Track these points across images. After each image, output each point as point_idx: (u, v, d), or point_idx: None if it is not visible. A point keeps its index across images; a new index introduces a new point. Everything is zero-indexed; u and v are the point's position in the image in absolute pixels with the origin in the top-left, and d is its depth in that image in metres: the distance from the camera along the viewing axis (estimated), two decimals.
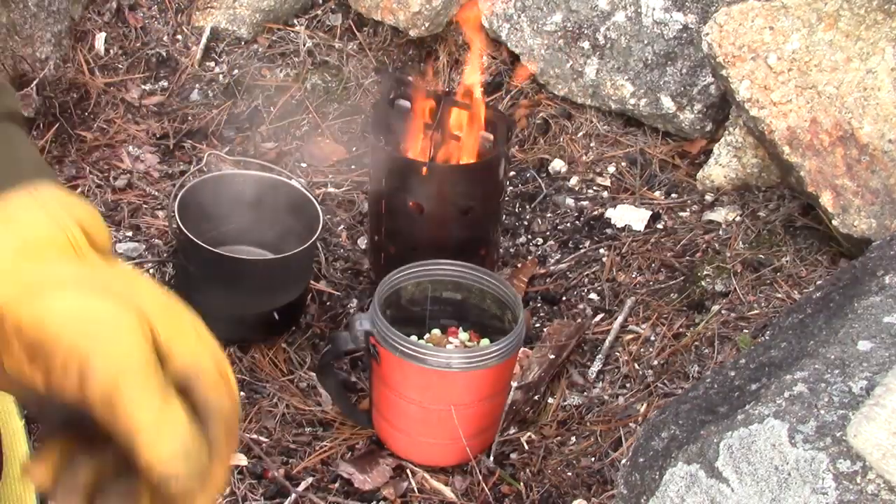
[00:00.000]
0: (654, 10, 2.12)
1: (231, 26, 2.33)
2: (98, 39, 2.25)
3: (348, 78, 2.31)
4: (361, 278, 1.92)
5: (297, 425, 1.64)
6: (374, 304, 1.48)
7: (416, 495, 1.54)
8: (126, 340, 0.57)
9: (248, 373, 1.71)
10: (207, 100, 2.23)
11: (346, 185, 2.11)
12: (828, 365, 1.04)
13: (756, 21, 1.82)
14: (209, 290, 1.63)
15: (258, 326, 1.73)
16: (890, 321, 1.08)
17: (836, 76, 1.74)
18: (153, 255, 1.87)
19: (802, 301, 1.33)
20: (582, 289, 1.90)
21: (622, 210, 2.04)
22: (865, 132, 1.71)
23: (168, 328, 0.58)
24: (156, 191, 2.04)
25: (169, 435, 0.56)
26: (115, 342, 0.57)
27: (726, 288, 1.80)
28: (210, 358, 0.59)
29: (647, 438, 1.14)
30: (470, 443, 1.53)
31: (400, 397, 1.49)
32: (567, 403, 1.68)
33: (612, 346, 1.77)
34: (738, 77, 1.82)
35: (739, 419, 1.01)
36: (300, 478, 1.54)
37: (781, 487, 0.95)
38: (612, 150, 2.19)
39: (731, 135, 2.00)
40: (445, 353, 1.46)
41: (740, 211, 1.97)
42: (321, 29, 2.41)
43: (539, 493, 1.52)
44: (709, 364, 1.68)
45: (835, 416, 0.97)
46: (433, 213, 1.72)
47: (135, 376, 0.56)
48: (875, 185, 1.71)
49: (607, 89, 2.19)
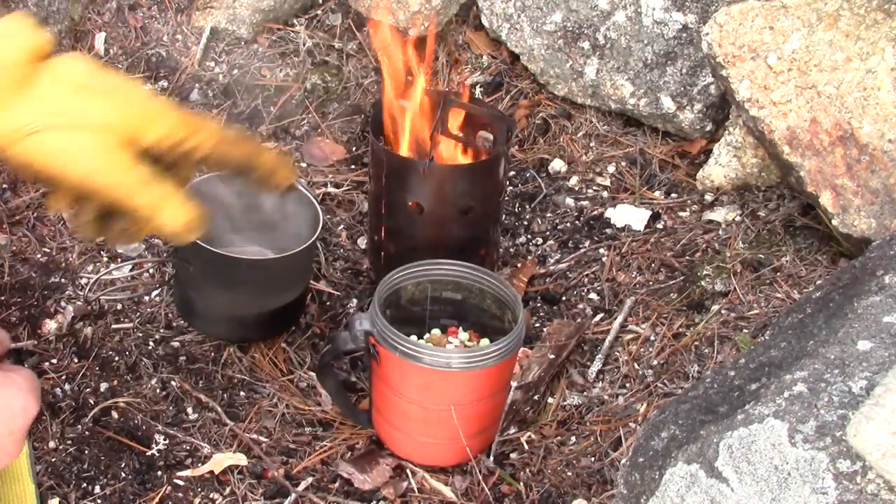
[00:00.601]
0: (654, 10, 2.12)
1: (231, 26, 2.33)
2: (98, 39, 2.25)
3: (348, 78, 2.31)
4: (361, 278, 1.92)
5: (296, 425, 1.64)
6: (374, 303, 1.48)
7: (416, 495, 1.54)
8: (111, 157, 0.78)
9: (248, 373, 1.71)
10: (207, 100, 2.23)
11: (346, 185, 2.11)
12: (828, 365, 1.04)
13: (756, 21, 1.82)
14: (209, 290, 1.63)
15: (258, 326, 1.73)
16: (890, 321, 1.08)
17: (836, 76, 1.74)
18: (153, 255, 1.87)
19: (802, 301, 1.33)
20: (582, 289, 1.90)
21: (622, 210, 2.04)
22: (865, 132, 1.71)
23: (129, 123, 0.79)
24: None
25: (167, 210, 0.81)
26: (99, 161, 0.78)
27: (726, 288, 1.80)
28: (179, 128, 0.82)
29: (646, 438, 1.14)
30: (470, 443, 1.53)
31: (400, 397, 1.49)
32: (567, 403, 1.68)
33: (612, 346, 1.77)
34: (738, 77, 1.82)
35: (739, 419, 1.01)
36: (300, 478, 1.54)
37: (781, 487, 0.95)
38: (611, 150, 2.19)
39: (731, 135, 2.00)
40: (445, 352, 1.46)
41: (740, 211, 1.97)
42: (321, 29, 2.41)
43: (539, 493, 1.52)
44: (709, 364, 1.68)
45: (835, 416, 0.97)
46: (433, 213, 1.72)
47: (125, 178, 0.79)
48: (875, 184, 1.71)
49: (607, 89, 2.19)
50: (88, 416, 1.58)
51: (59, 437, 1.55)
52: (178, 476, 1.53)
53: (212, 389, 1.67)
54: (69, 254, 1.87)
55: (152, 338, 1.75)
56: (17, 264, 1.83)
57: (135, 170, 0.80)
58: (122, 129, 0.79)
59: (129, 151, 0.80)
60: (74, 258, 1.86)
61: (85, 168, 0.78)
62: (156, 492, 1.50)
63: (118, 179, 0.79)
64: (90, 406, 1.60)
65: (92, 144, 0.78)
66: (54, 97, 0.78)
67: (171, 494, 1.50)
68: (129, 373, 1.68)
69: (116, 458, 1.54)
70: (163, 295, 1.81)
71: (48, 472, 1.50)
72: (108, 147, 0.78)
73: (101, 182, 0.79)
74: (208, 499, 1.51)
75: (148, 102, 0.81)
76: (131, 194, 0.80)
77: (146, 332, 1.75)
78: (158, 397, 1.65)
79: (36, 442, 1.54)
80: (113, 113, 0.79)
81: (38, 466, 1.50)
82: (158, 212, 0.82)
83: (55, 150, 0.77)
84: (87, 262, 1.86)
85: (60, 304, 1.77)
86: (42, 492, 1.46)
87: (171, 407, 1.63)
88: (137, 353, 1.71)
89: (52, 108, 0.77)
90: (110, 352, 1.71)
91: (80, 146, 0.78)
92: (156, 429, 1.59)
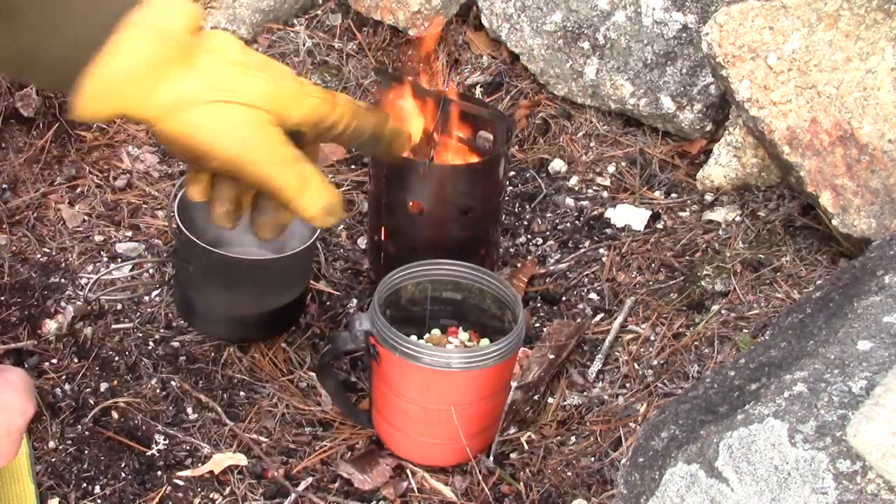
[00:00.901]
0: (654, 10, 2.12)
1: (231, 26, 2.33)
2: None
3: (348, 78, 2.31)
4: (361, 278, 1.92)
5: (296, 425, 1.64)
6: (374, 303, 1.48)
7: (416, 495, 1.54)
8: (262, 133, 0.77)
9: (248, 373, 1.71)
10: None
11: (346, 185, 2.11)
12: (827, 365, 1.04)
13: (756, 21, 1.82)
14: (209, 290, 1.63)
15: (258, 326, 1.73)
16: (890, 321, 1.08)
17: (835, 76, 1.74)
18: (153, 255, 1.87)
19: (802, 301, 1.33)
20: (582, 289, 1.90)
21: (622, 210, 2.04)
22: (865, 132, 1.71)
23: (279, 101, 0.78)
24: (155, 191, 2.04)
25: (309, 192, 0.79)
26: (252, 138, 0.76)
27: (726, 288, 1.80)
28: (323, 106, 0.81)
29: (646, 438, 1.13)
30: (470, 443, 1.53)
31: (400, 397, 1.49)
32: (567, 403, 1.68)
33: (612, 346, 1.77)
34: (737, 77, 1.82)
35: (739, 419, 1.01)
36: (300, 478, 1.54)
37: (781, 487, 0.95)
38: (611, 150, 2.19)
39: (731, 135, 2.00)
40: (445, 353, 1.46)
41: (740, 211, 1.97)
42: (321, 29, 2.41)
43: (539, 493, 1.52)
44: (709, 364, 1.68)
45: (835, 416, 0.97)
46: (433, 213, 1.72)
47: (274, 156, 0.78)
48: (875, 184, 1.71)
49: (607, 89, 2.19)
50: (88, 416, 1.58)
51: (59, 437, 1.55)
52: (178, 476, 1.53)
53: (212, 389, 1.67)
54: (69, 254, 1.87)
55: (152, 338, 1.75)
56: (17, 264, 1.83)
57: (284, 147, 0.79)
58: (273, 107, 0.78)
59: (278, 129, 0.78)
60: (74, 258, 1.86)
61: (236, 144, 0.76)
62: (156, 492, 1.50)
63: (267, 157, 0.77)
64: (90, 406, 1.60)
65: (244, 120, 0.76)
66: (213, 71, 0.76)
67: (171, 494, 1.50)
68: (129, 373, 1.68)
69: (116, 458, 1.54)
70: (163, 295, 1.81)
71: (48, 472, 1.50)
72: (261, 123, 0.77)
73: (250, 159, 0.77)
74: (208, 499, 1.51)
75: (294, 81, 0.80)
76: (278, 173, 0.78)
77: (146, 332, 1.75)
78: (158, 397, 1.65)
79: (36, 442, 1.54)
80: (265, 90, 0.77)
81: (38, 466, 1.50)
82: (302, 193, 0.80)
83: (208, 124, 0.76)
84: (87, 262, 1.86)
85: (60, 304, 1.77)
86: (42, 492, 1.46)
87: (171, 407, 1.63)
88: (137, 353, 1.71)
89: (211, 83, 0.76)
90: (110, 352, 1.71)
91: (233, 122, 0.76)
92: (156, 429, 1.59)
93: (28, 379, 0.83)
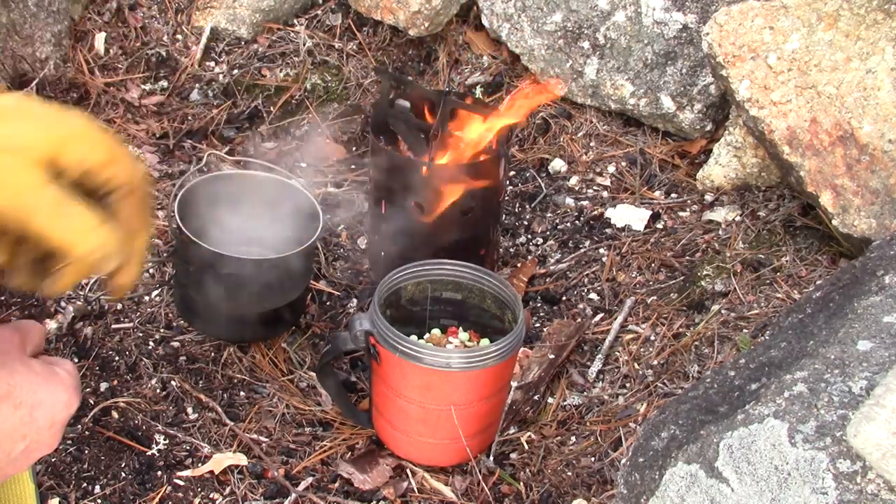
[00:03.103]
0: (654, 9, 2.12)
1: (231, 26, 2.33)
2: (98, 39, 2.25)
3: (348, 78, 2.31)
4: (361, 278, 1.92)
5: (296, 425, 1.64)
6: (374, 304, 1.48)
7: (416, 495, 1.54)
8: (22, 174, 0.71)
9: (248, 373, 1.71)
10: (207, 99, 2.23)
11: (346, 185, 2.11)
12: (828, 365, 1.04)
13: (756, 21, 1.82)
14: (209, 290, 1.63)
15: (258, 326, 1.73)
16: (890, 321, 1.08)
17: (835, 76, 1.74)
18: (153, 255, 1.87)
19: (802, 301, 1.33)
20: (582, 289, 1.90)
21: (622, 210, 2.04)
22: (865, 132, 1.71)
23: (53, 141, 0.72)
24: (156, 191, 2.04)
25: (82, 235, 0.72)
26: (14, 178, 0.71)
27: (726, 288, 1.80)
28: (100, 151, 0.74)
29: (646, 438, 1.13)
30: (470, 443, 1.53)
31: (400, 397, 1.49)
32: (567, 403, 1.68)
33: (612, 346, 1.77)
34: (738, 77, 1.82)
35: (739, 419, 1.01)
36: (300, 478, 1.54)
37: (781, 487, 0.95)
38: (611, 149, 2.19)
39: (731, 135, 2.00)
40: (445, 352, 1.46)
41: (740, 211, 1.97)
42: (321, 29, 2.41)
43: (539, 493, 1.52)
44: (709, 364, 1.68)
45: (835, 416, 0.97)
46: (433, 213, 1.72)
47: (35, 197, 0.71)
48: (875, 184, 1.71)
49: (607, 89, 2.19)
50: (88, 416, 1.58)
51: None
52: (178, 476, 1.53)
53: (212, 389, 1.67)
54: None
55: (152, 338, 1.75)
56: None
57: (47, 188, 0.72)
58: (40, 149, 0.72)
59: (43, 170, 0.72)
60: None
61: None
62: (156, 492, 1.50)
63: (28, 200, 0.71)
64: (90, 406, 1.60)
65: (4, 164, 0.71)
66: None
67: (171, 494, 1.50)
68: (129, 373, 1.68)
69: (116, 458, 1.54)
70: (163, 295, 1.81)
71: (48, 472, 1.50)
72: (21, 165, 0.71)
73: (10, 204, 0.70)
74: (208, 499, 1.51)
75: (74, 126, 0.74)
76: (42, 215, 0.71)
77: (146, 332, 1.75)
78: (158, 397, 1.65)
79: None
80: (32, 134, 0.72)
81: (38, 466, 1.50)
82: (76, 236, 0.72)
83: None
84: None
85: (60, 304, 1.77)
86: (42, 492, 1.46)
87: (171, 407, 1.63)
88: (137, 353, 1.71)
89: None
90: (110, 352, 1.71)
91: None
92: (156, 429, 1.59)
93: (75, 372, 0.82)
